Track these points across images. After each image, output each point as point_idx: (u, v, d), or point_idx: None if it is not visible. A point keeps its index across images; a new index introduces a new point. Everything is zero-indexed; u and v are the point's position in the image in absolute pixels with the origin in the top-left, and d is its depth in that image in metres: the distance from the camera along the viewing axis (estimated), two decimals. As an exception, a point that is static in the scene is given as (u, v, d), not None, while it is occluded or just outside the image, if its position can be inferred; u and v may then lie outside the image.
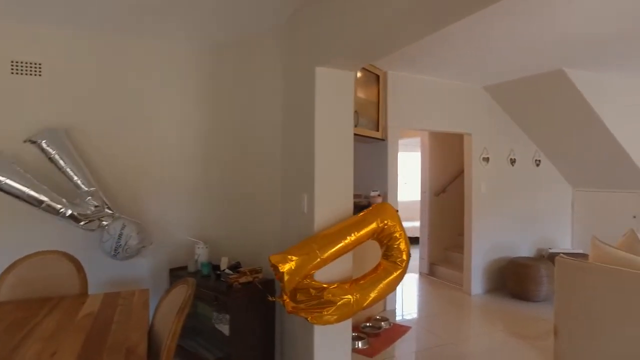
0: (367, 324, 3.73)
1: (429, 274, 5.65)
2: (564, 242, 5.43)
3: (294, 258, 2.34)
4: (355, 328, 3.61)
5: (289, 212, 2.89)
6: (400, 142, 8.33)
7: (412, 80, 4.34)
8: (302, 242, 2.45)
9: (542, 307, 4.32)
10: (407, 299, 4.66)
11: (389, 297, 4.21)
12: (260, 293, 2.77)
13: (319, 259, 2.39)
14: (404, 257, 2.62)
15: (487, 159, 4.79)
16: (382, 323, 3.78)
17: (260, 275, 2.87)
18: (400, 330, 3.75)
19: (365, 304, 2.46)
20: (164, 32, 3.11)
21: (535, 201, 5.19)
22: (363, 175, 4.61)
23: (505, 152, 4.96)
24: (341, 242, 2.46)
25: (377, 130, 4.10)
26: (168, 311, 1.83)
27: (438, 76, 4.41)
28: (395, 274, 2.58)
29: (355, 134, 3.84)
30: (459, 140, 4.88)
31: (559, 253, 5.17)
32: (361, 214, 2.65)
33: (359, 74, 3.84)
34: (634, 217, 4.82)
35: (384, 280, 2.56)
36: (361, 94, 3.93)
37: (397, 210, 2.83)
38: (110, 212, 2.95)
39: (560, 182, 5.39)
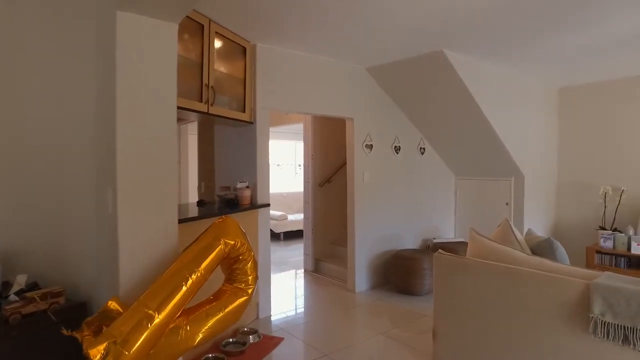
0: (231, 340, 3.12)
1: (314, 271, 5.24)
2: (448, 232, 5.38)
3: (121, 335, 1.63)
4: (214, 347, 2.99)
5: (101, 213, 2.15)
6: (283, 129, 7.91)
7: (287, 57, 3.79)
8: (131, 307, 1.75)
9: (426, 301, 4.11)
10: (285, 302, 4.16)
11: (262, 302, 3.66)
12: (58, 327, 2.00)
13: (157, 320, 1.72)
14: (251, 281, 2.07)
15: (370, 146, 4.46)
16: (250, 337, 3.21)
17: (60, 300, 2.10)
18: (270, 343, 3.21)
19: (195, 342, 1.85)
20: None
21: (420, 190, 5.02)
22: (230, 164, 3.97)
23: (389, 139, 4.68)
24: (181, 289, 1.82)
25: (244, 112, 3.48)
26: None
27: (317, 53, 3.92)
28: (239, 301, 2.01)
29: (214, 115, 3.20)
30: (344, 127, 4.48)
31: (443, 243, 5.11)
32: (198, 239, 2.02)
33: (218, 43, 3.18)
34: (507, 203, 4.88)
35: (225, 309, 1.97)
36: (222, 68, 3.27)
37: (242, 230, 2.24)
38: None
39: (444, 171, 5.31)
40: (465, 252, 4.66)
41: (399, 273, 4.28)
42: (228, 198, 3.54)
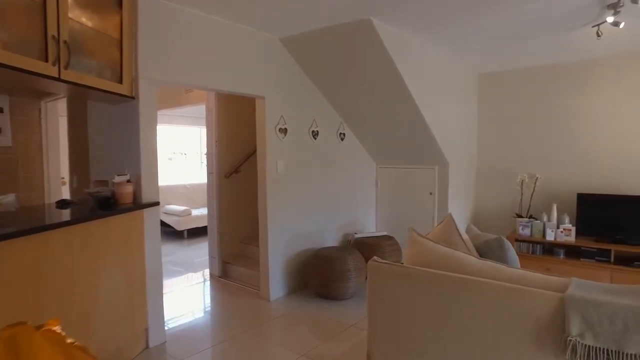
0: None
1: (222, 275, 4.52)
2: (370, 225, 4.99)
3: None
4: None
5: None
6: (186, 111, 6.93)
7: (181, 15, 3.00)
8: None
9: (352, 306, 3.66)
10: (185, 322, 3.41)
11: (153, 327, 2.89)
12: None
13: None
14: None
15: (284, 131, 3.84)
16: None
17: None
18: (162, 384, 2.49)
19: None
20: None
21: (341, 181, 4.54)
22: (108, 153, 3.10)
23: (306, 122, 4.10)
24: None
25: (121, 83, 2.64)
26: None
27: (220, 14, 3.18)
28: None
29: (70, 82, 2.24)
30: (254, 108, 3.79)
31: (366, 238, 4.70)
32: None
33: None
34: (431, 193, 4.62)
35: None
36: (84, 18, 2.40)
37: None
38: None
39: (365, 159, 4.89)
40: (389, 246, 4.34)
41: (320, 275, 3.76)
42: (102, 196, 2.71)
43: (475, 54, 4.29)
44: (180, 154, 8.41)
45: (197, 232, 6.63)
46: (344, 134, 4.55)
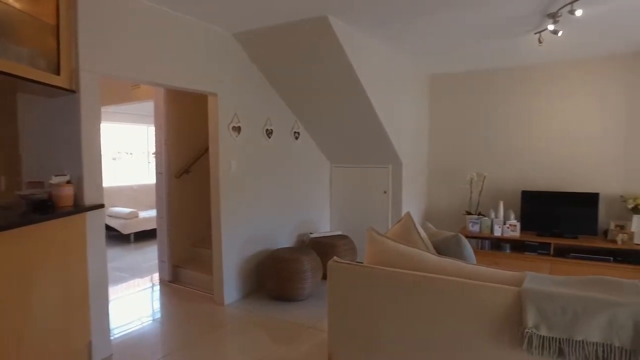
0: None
1: (173, 280, 4.32)
2: (324, 225, 4.97)
3: None
4: None
5: None
6: (132, 108, 6.62)
7: (127, 3, 2.81)
8: None
9: (309, 307, 3.61)
10: (133, 331, 3.20)
11: (98, 340, 2.68)
12: None
13: None
14: None
15: (238, 129, 3.73)
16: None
17: None
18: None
19: None
20: None
21: (295, 180, 4.49)
22: (44, 151, 2.86)
23: (260, 121, 4.01)
24: None
25: (58, 74, 2.43)
26: None
27: (169, 5, 3.01)
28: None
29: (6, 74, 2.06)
30: (206, 105, 3.64)
31: (321, 237, 4.68)
32: None
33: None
34: (385, 192, 4.67)
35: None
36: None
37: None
38: None
39: (319, 158, 4.87)
40: (344, 246, 4.33)
41: (276, 277, 3.68)
42: (37, 199, 2.47)
43: (427, 55, 4.40)
44: (125, 154, 7.99)
45: (145, 236, 6.31)
46: (298, 133, 4.50)
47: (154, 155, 4.48)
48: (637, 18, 3.28)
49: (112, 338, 2.92)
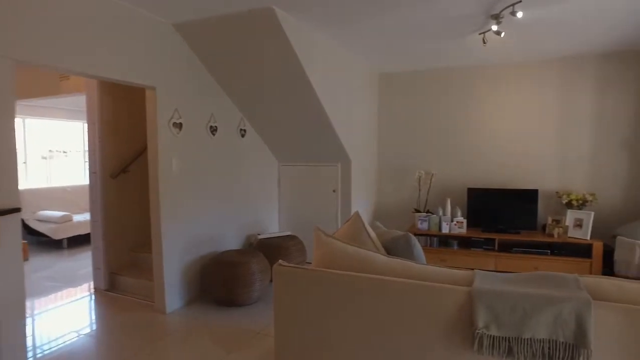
0: None
1: (109, 288, 4.01)
2: (273, 225, 4.83)
3: None
4: None
5: None
6: (63, 102, 6.14)
7: (47, -14, 2.53)
8: None
9: (258, 311, 3.46)
10: (62, 347, 2.90)
11: (15, 361, 2.38)
12: None
13: None
14: None
15: (179, 125, 3.51)
16: None
17: None
18: None
19: None
20: None
21: (242, 180, 4.31)
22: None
23: (204, 117, 3.80)
24: None
25: (-37, 60, 2.13)
26: None
27: (97, -10, 2.75)
28: None
29: None
30: (144, 99, 3.39)
31: (269, 238, 4.53)
32: None
33: None
34: (334, 191, 4.61)
35: None
36: None
37: None
38: None
39: (267, 156, 4.72)
40: (293, 246, 4.22)
41: (222, 281, 3.50)
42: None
43: (376, 54, 4.38)
44: (59, 153, 7.40)
45: (81, 241, 5.86)
46: (244, 130, 4.33)
47: (88, 154, 4.14)
48: (570, 25, 3.43)
49: (38, 356, 2.62)
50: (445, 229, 4.65)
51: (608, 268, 4.17)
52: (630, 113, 4.34)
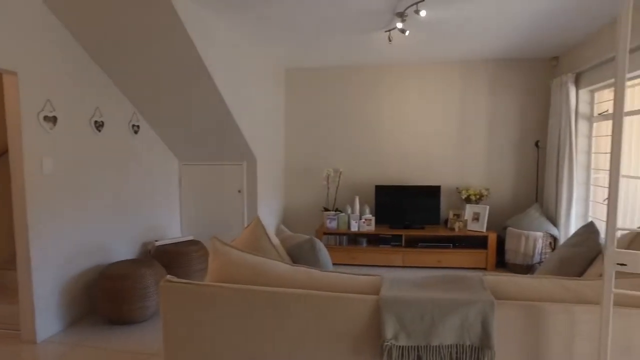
0: None
1: (-35, 316, 3.31)
2: (174, 230, 4.42)
3: None
4: None
5: None
6: None
7: None
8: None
9: (152, 330, 3.09)
10: None
11: None
12: None
13: None
14: None
15: (53, 119, 2.99)
16: None
17: None
18: None
19: None
20: None
21: (136, 181, 3.85)
22: None
23: (86, 110, 3.30)
24: None
25: None
26: None
27: None
28: None
29: None
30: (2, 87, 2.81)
31: (168, 245, 4.12)
32: None
33: None
34: (239, 191, 4.35)
35: None
36: None
37: None
38: None
39: (165, 155, 4.29)
40: (195, 252, 3.85)
41: (110, 297, 3.07)
42: None
43: (281, 47, 4.20)
44: None
45: None
46: (138, 126, 3.87)
47: None
48: (467, 29, 3.56)
49: None
50: (354, 227, 4.63)
51: (500, 257, 4.47)
52: (517, 116, 4.70)
